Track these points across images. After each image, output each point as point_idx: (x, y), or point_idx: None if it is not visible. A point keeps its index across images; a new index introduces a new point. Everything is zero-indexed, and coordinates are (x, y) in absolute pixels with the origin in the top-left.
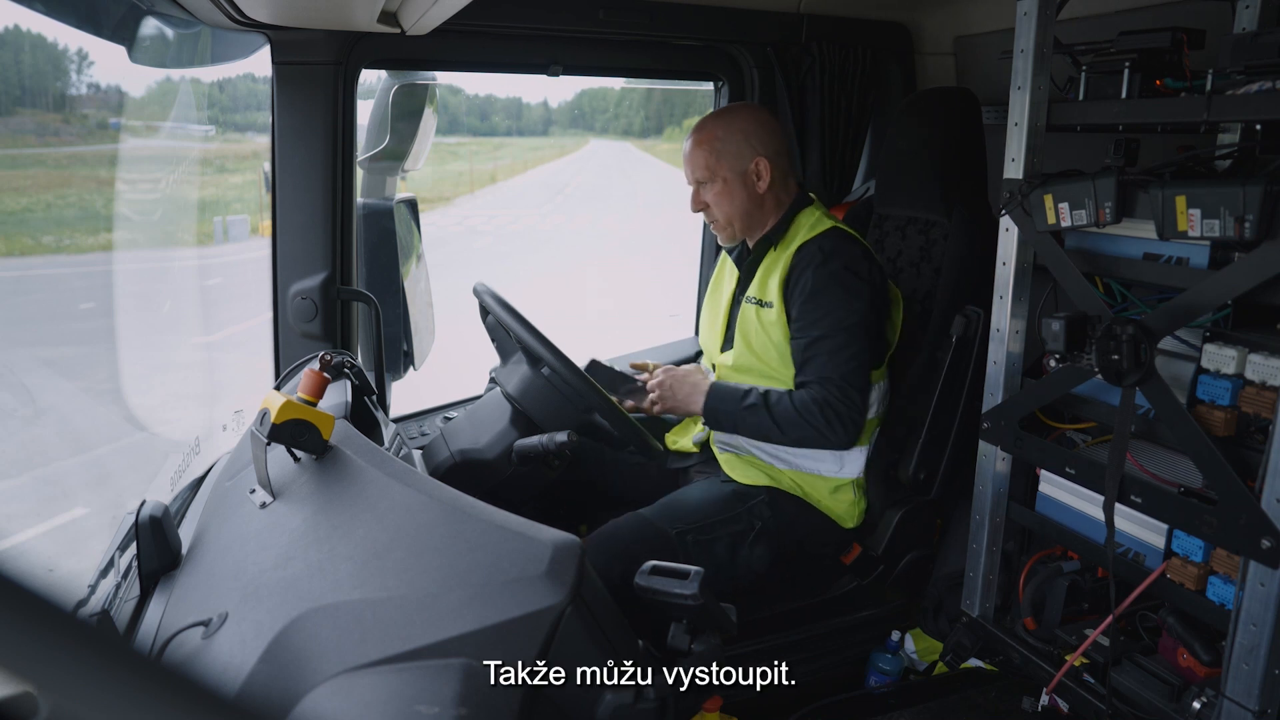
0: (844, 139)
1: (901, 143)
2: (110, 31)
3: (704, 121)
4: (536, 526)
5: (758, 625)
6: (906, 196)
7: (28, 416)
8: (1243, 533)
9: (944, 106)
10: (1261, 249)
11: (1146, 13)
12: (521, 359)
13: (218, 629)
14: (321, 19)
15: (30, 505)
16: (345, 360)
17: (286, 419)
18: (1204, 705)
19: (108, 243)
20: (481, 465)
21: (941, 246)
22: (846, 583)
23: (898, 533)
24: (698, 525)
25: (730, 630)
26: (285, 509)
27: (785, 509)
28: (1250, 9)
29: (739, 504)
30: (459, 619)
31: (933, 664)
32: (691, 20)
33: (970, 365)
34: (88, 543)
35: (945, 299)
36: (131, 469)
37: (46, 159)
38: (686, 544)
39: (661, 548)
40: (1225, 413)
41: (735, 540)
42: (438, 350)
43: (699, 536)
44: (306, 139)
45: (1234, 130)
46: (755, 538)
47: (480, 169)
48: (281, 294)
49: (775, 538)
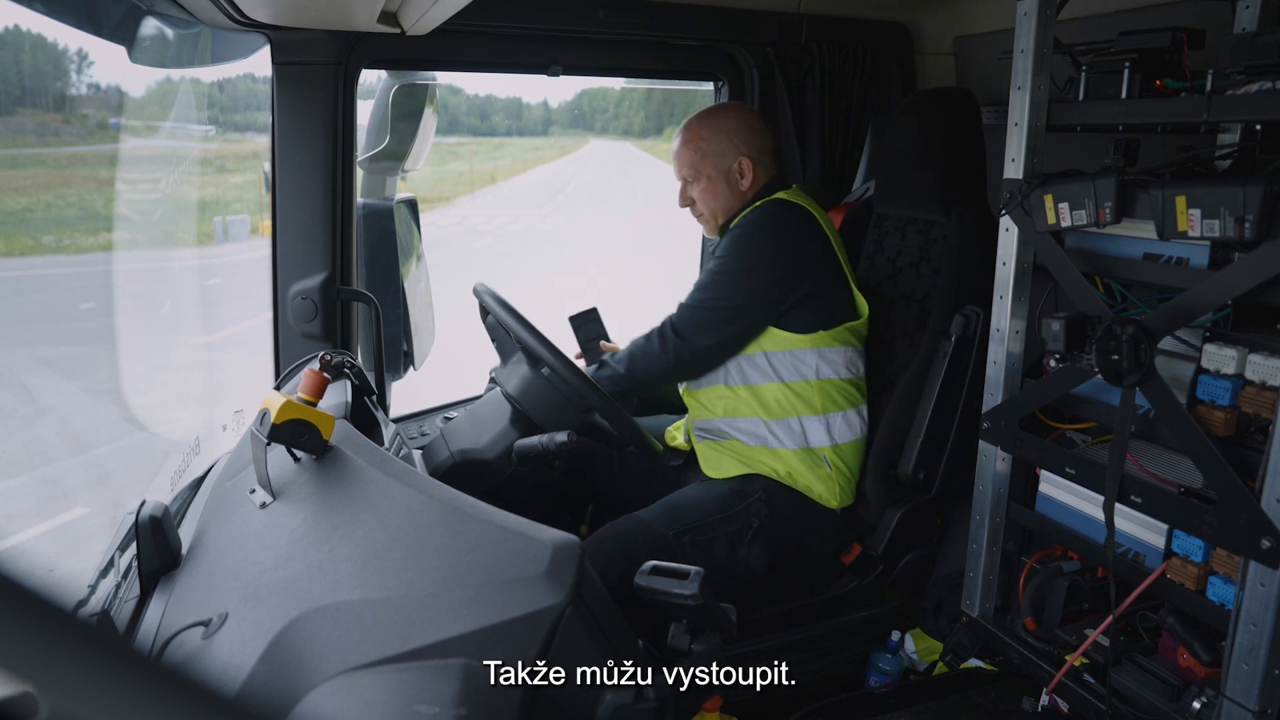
0: (844, 139)
1: (901, 143)
2: (110, 31)
3: (691, 121)
4: (536, 526)
5: (758, 625)
6: (906, 197)
7: (28, 416)
8: (1243, 533)
9: (943, 107)
10: (1261, 249)
11: (1146, 13)
12: (521, 359)
13: (218, 629)
14: (321, 19)
15: (30, 505)
16: (345, 360)
17: (286, 419)
18: (1204, 705)
19: (108, 243)
20: (481, 465)
21: (941, 246)
22: (846, 583)
23: (897, 533)
24: (695, 525)
25: (730, 630)
26: (285, 509)
27: (782, 506)
28: (1250, 9)
29: (736, 503)
30: (459, 619)
31: (933, 664)
32: (691, 20)
33: (970, 365)
34: (88, 543)
35: (944, 299)
36: (131, 469)
37: (46, 159)
38: (684, 544)
39: (659, 549)
40: (1225, 413)
41: (733, 539)
42: (437, 350)
43: (696, 537)
44: (306, 139)
45: (1234, 130)
46: (753, 536)
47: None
48: (281, 294)
49: (773, 536)
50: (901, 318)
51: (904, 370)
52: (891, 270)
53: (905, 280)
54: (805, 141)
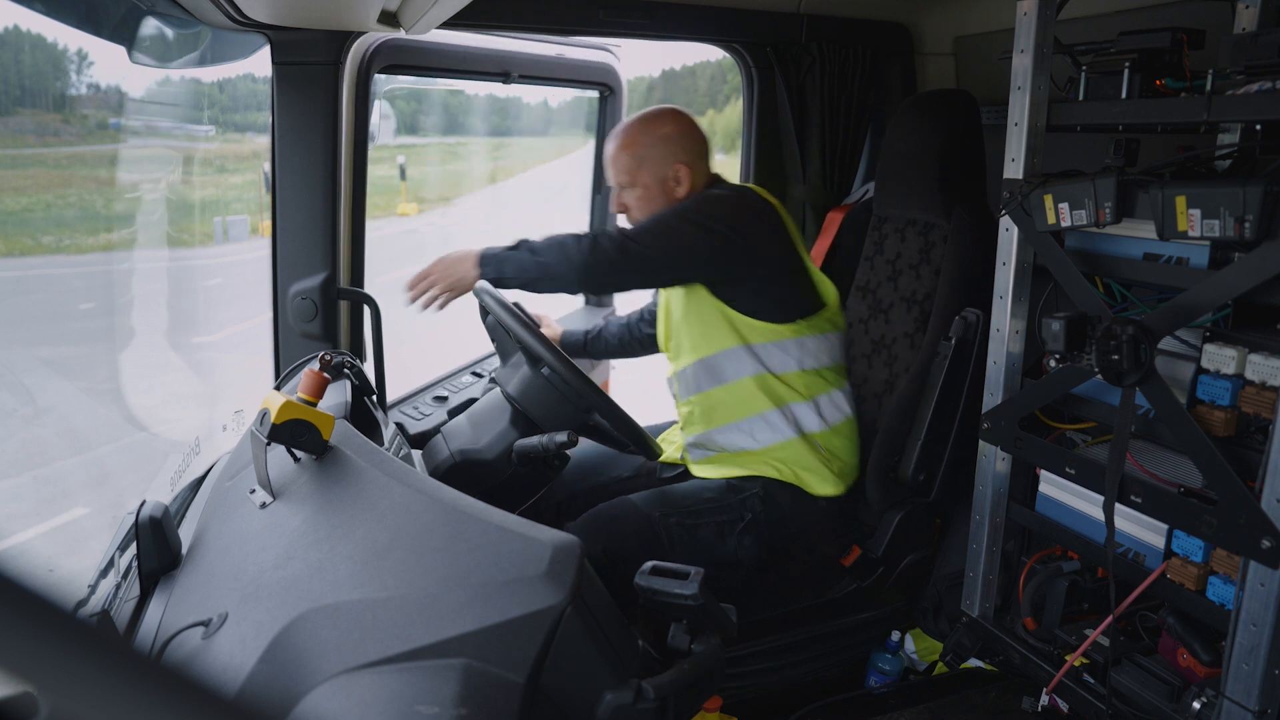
0: (844, 139)
1: (901, 145)
2: (110, 31)
3: (627, 126)
4: (536, 526)
5: (758, 627)
6: (906, 198)
7: (28, 416)
8: (1243, 533)
9: (943, 108)
10: (1261, 249)
11: (1146, 13)
12: (521, 359)
13: (218, 629)
14: (321, 19)
15: (30, 505)
16: (345, 360)
17: (286, 419)
18: (1204, 705)
19: (108, 243)
20: (481, 465)
21: (941, 249)
22: (846, 585)
23: (897, 534)
24: (685, 510)
25: (730, 631)
26: (285, 509)
27: (779, 502)
28: (1250, 9)
29: (731, 496)
30: (459, 619)
31: (933, 664)
32: (691, 20)
33: (970, 368)
34: (87, 543)
35: (945, 301)
36: (131, 469)
37: (46, 159)
38: (670, 527)
39: (645, 529)
40: (1225, 413)
41: (722, 528)
42: (429, 337)
43: (684, 520)
44: (306, 139)
45: (1234, 130)
46: (745, 528)
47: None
48: (281, 294)
49: (766, 529)
50: (901, 319)
51: (904, 372)
52: (891, 272)
53: (905, 282)
54: (805, 142)
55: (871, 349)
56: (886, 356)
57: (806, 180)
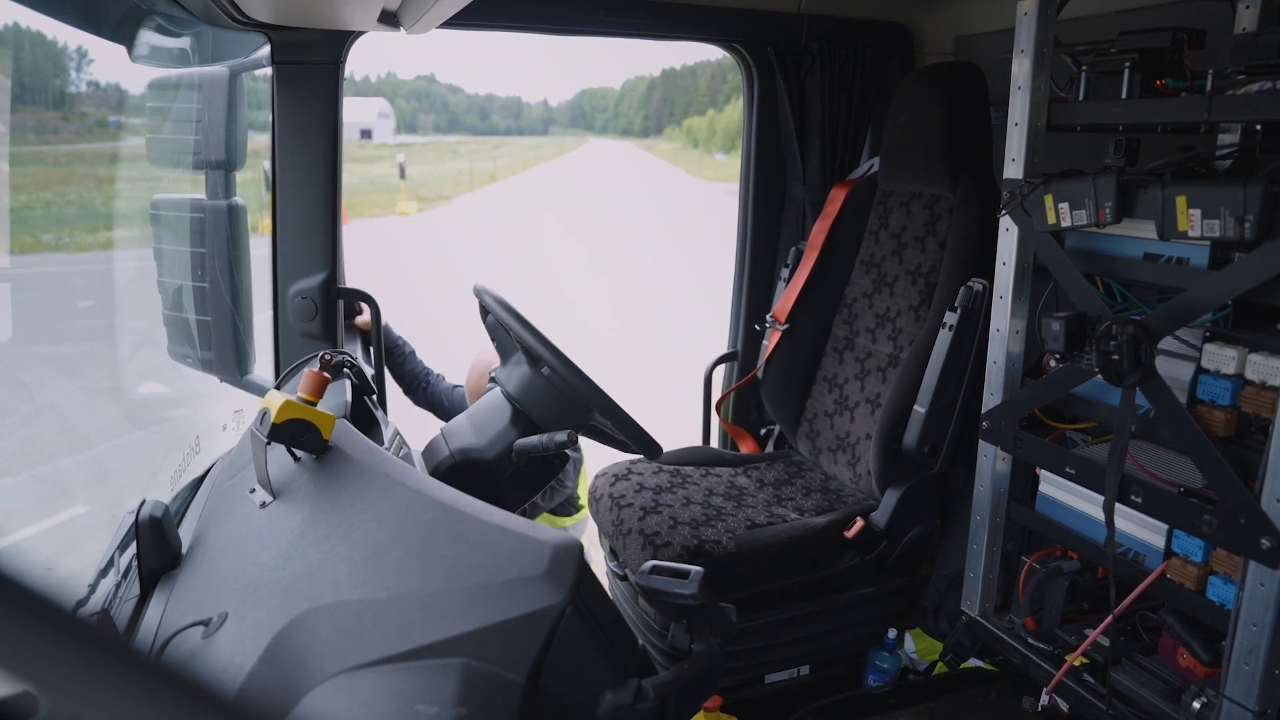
0: (844, 139)
1: (905, 118)
2: (110, 31)
3: None
4: (537, 526)
5: (760, 599)
6: (911, 171)
7: (27, 414)
8: (1243, 533)
9: (948, 80)
10: (1261, 249)
11: (1146, 13)
12: (521, 359)
13: (217, 629)
14: (321, 19)
15: (29, 503)
16: (345, 360)
17: (286, 418)
18: (1204, 705)
19: (107, 241)
20: (481, 465)
21: (946, 220)
22: (849, 558)
23: (901, 507)
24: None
25: (730, 631)
26: (285, 509)
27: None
28: (1250, 9)
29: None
30: (459, 619)
31: (932, 664)
32: (691, 20)
33: (975, 337)
34: (87, 542)
35: (950, 272)
36: (131, 467)
37: (46, 157)
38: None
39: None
40: (1225, 413)
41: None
42: (434, 335)
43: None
44: (306, 139)
45: (1234, 130)
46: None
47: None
48: (281, 294)
49: None
50: (906, 292)
51: (909, 345)
52: (896, 245)
53: (910, 255)
54: (805, 141)
55: (876, 323)
56: (891, 330)
57: (806, 180)
